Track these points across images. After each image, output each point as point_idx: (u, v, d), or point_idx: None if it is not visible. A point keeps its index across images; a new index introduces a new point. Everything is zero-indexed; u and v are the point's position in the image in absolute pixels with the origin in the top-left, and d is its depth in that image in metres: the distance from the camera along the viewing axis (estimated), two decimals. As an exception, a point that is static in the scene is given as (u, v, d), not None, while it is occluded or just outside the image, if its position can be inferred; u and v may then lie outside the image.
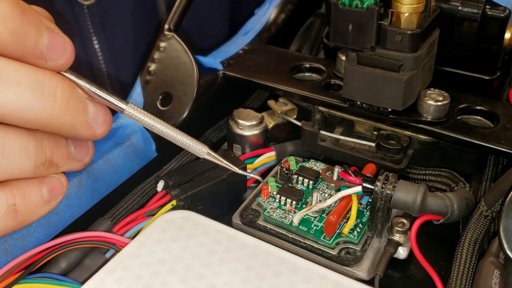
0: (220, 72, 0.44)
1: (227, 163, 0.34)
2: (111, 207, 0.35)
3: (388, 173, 0.32)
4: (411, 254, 0.33)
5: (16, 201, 0.26)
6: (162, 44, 0.41)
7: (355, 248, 0.32)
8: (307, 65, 0.45)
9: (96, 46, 0.42)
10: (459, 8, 0.38)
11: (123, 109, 0.29)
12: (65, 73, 0.27)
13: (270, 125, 0.43)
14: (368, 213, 0.34)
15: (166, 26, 0.41)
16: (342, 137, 0.40)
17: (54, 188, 0.28)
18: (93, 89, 0.28)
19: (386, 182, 0.32)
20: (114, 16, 0.43)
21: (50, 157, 0.27)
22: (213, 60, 0.45)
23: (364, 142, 0.40)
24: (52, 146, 0.27)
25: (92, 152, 0.30)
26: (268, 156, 0.40)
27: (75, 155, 0.29)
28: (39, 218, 0.30)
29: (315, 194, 0.34)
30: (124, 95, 0.41)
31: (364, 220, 0.34)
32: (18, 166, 0.26)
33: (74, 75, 0.27)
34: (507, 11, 0.37)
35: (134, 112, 0.29)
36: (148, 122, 0.30)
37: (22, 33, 0.24)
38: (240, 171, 0.35)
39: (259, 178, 0.38)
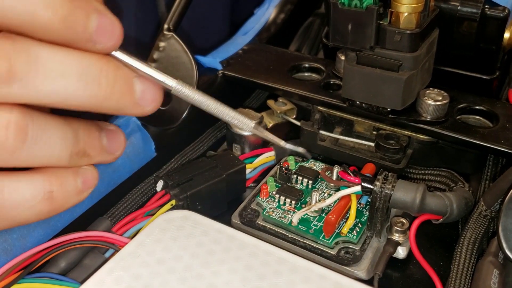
0: (220, 72, 0.44)
1: (273, 137, 0.35)
2: (111, 206, 0.35)
3: (387, 172, 0.32)
4: (410, 253, 0.33)
5: (54, 188, 0.27)
6: (162, 44, 0.41)
7: (354, 247, 0.32)
8: (307, 65, 0.45)
9: None
10: (459, 8, 0.38)
11: (171, 87, 0.29)
12: (112, 52, 0.27)
13: (270, 125, 0.43)
14: (367, 212, 0.34)
15: (166, 26, 0.41)
16: (341, 137, 0.40)
17: (88, 180, 0.29)
18: (141, 67, 0.27)
19: (385, 181, 0.32)
20: (116, 14, 0.43)
21: (84, 148, 0.27)
22: (213, 60, 0.45)
23: (363, 141, 0.40)
24: (87, 138, 0.27)
25: (124, 146, 0.30)
26: (268, 156, 0.40)
27: (108, 147, 0.29)
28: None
29: (314, 194, 0.34)
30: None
31: (363, 220, 0.34)
32: (57, 154, 0.26)
33: (122, 53, 0.27)
34: (506, 10, 0.37)
35: (183, 88, 0.29)
36: (198, 98, 0.30)
37: (72, 19, 0.23)
38: (287, 146, 0.36)
39: (301, 150, 0.38)
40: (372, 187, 0.32)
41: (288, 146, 0.36)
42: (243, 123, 0.32)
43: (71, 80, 0.24)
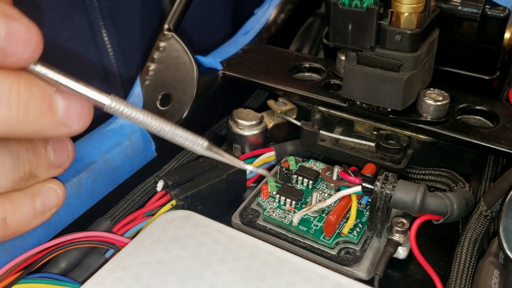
0: (220, 72, 0.44)
1: (229, 157, 0.29)
2: (111, 207, 0.35)
3: (387, 173, 0.32)
4: (410, 254, 0.33)
5: (7, 215, 0.25)
6: (162, 44, 0.41)
7: (355, 248, 0.32)
8: (307, 65, 0.45)
9: (106, 39, 0.42)
10: (459, 8, 0.38)
11: (104, 104, 0.24)
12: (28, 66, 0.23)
13: (270, 125, 0.43)
14: (367, 213, 0.34)
15: (166, 26, 0.41)
16: (341, 137, 0.40)
17: (49, 200, 0.27)
18: (64, 80, 0.23)
19: (385, 182, 0.32)
20: (124, 10, 0.43)
21: (29, 170, 0.25)
22: (213, 60, 0.45)
23: (363, 142, 0.40)
24: (31, 158, 0.25)
25: (72, 156, 0.27)
26: (268, 156, 0.40)
27: (55, 162, 0.26)
28: None
29: (314, 194, 0.34)
30: (128, 94, 0.41)
31: (363, 220, 0.34)
32: (2, 181, 0.23)
33: (40, 65, 0.23)
34: (506, 11, 0.37)
35: (119, 106, 0.24)
36: (138, 117, 0.25)
37: None
38: (246, 166, 0.31)
39: (264, 172, 0.34)
40: (372, 187, 0.32)
41: (249, 167, 0.31)
42: (193, 143, 0.27)
43: None
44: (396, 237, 0.33)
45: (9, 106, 0.21)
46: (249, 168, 0.31)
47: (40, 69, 0.23)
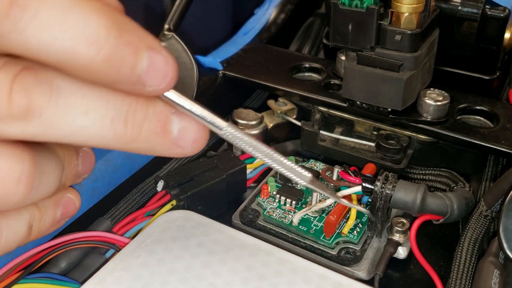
0: (220, 72, 0.44)
1: (332, 193, 0.30)
2: (111, 207, 0.35)
3: (387, 173, 0.32)
4: (410, 254, 0.33)
5: (33, 223, 0.25)
6: (162, 44, 0.41)
7: (355, 248, 0.32)
8: (307, 65, 0.45)
9: None
10: (459, 8, 0.38)
11: (221, 129, 0.24)
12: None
13: (270, 125, 0.43)
14: (368, 213, 0.34)
15: (166, 26, 0.41)
16: (341, 137, 0.40)
17: (68, 210, 0.27)
18: (184, 103, 0.23)
19: (385, 182, 0.32)
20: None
21: (64, 181, 0.25)
22: (213, 60, 0.45)
23: (364, 142, 0.40)
24: (68, 168, 0.25)
25: (92, 167, 0.28)
26: (268, 156, 0.40)
27: (81, 172, 0.27)
28: None
29: (315, 194, 0.34)
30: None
31: (363, 220, 0.34)
32: (48, 191, 0.24)
33: (175, 93, 0.23)
34: (506, 11, 0.37)
35: (233, 131, 0.24)
36: (252, 143, 0.25)
37: (117, 58, 0.20)
38: (347, 203, 0.32)
39: (367, 213, 0.33)
40: (372, 187, 0.32)
41: (347, 203, 0.32)
42: (298, 175, 0.27)
43: (94, 118, 0.21)
44: (396, 237, 0.33)
45: (125, 123, 0.22)
46: (348, 204, 0.32)
47: (173, 98, 0.23)
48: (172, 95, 0.23)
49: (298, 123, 0.41)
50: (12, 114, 0.20)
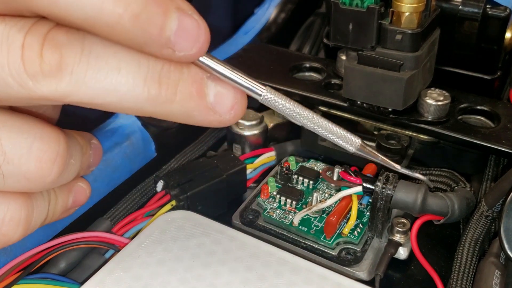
0: (220, 72, 0.44)
1: (383, 158, 0.28)
2: (111, 207, 0.35)
3: (388, 173, 0.32)
4: (411, 254, 0.33)
5: (50, 206, 0.26)
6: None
7: (356, 248, 0.32)
8: (307, 65, 0.45)
9: None
10: (460, 7, 0.38)
11: (260, 95, 0.23)
12: None
13: (270, 125, 0.43)
14: (368, 213, 0.34)
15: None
16: (342, 137, 0.40)
17: (78, 198, 0.28)
18: (218, 67, 0.22)
19: (386, 182, 0.32)
20: None
21: (80, 168, 0.26)
22: (213, 60, 0.44)
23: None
24: (82, 159, 0.26)
25: (100, 160, 0.29)
26: (268, 156, 0.40)
27: (91, 163, 0.28)
28: None
29: (315, 194, 0.34)
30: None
31: (364, 221, 0.34)
32: (71, 176, 0.25)
33: (207, 57, 0.22)
34: (507, 10, 0.37)
35: (274, 96, 0.24)
36: (293, 108, 0.24)
37: (145, 17, 0.19)
38: (403, 170, 0.30)
39: (422, 177, 0.31)
40: (373, 187, 0.32)
41: (403, 170, 0.30)
42: (347, 141, 0.26)
43: (126, 76, 0.21)
44: (397, 237, 0.33)
45: (160, 83, 0.21)
46: (404, 171, 0.29)
47: (206, 61, 0.22)
48: (206, 60, 0.22)
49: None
50: (44, 71, 0.20)
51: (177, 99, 0.22)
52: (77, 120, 0.43)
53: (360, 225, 0.33)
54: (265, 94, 0.23)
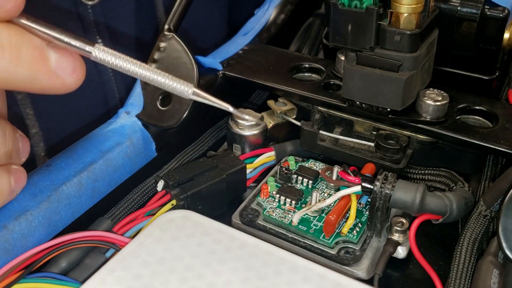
0: (220, 72, 0.44)
1: (217, 101, 0.29)
2: (111, 206, 0.35)
3: (387, 172, 0.32)
4: (410, 253, 0.33)
5: None
6: (162, 45, 0.41)
7: (355, 247, 0.32)
8: (307, 65, 0.45)
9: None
10: (458, 8, 0.38)
11: (90, 51, 0.25)
12: (15, 19, 0.23)
13: (270, 125, 0.43)
14: (367, 212, 0.34)
15: (166, 27, 0.41)
16: (341, 137, 0.40)
17: (19, 179, 0.28)
18: (50, 32, 0.24)
19: (385, 181, 0.32)
20: (118, 15, 0.43)
21: (11, 149, 0.27)
22: (213, 60, 0.45)
23: (363, 142, 0.40)
24: (13, 137, 0.27)
25: (27, 156, 0.30)
26: (268, 156, 0.40)
27: (21, 152, 0.29)
28: (39, 217, 0.30)
29: (314, 194, 0.34)
30: (129, 93, 0.41)
31: (363, 220, 0.34)
32: (2, 156, 0.26)
33: (27, 19, 0.24)
34: (506, 11, 0.37)
35: (102, 54, 0.25)
36: (121, 64, 0.26)
37: None
38: (234, 111, 0.31)
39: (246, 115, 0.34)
40: (372, 187, 0.32)
41: (235, 111, 0.31)
42: (180, 89, 0.28)
43: None
44: (396, 236, 0.33)
45: (2, 47, 0.22)
46: (237, 113, 0.31)
47: (28, 22, 0.24)
48: (31, 23, 0.24)
49: (298, 123, 0.41)
50: None
51: (22, 62, 0.23)
52: (77, 120, 0.43)
53: (359, 225, 0.34)
54: (94, 51, 0.25)
